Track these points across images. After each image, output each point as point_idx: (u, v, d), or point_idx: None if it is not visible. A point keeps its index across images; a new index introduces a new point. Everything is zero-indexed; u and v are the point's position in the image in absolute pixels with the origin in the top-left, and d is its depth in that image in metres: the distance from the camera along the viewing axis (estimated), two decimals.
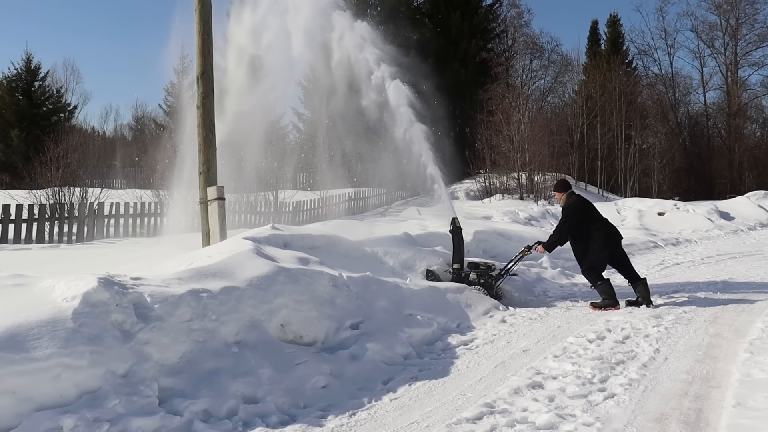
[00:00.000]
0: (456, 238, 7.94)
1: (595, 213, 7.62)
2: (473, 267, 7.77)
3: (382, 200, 25.89)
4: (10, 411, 3.40)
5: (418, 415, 4.08)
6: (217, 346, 4.50)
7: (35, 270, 5.73)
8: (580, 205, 7.60)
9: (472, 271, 7.72)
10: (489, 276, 7.70)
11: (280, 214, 18.67)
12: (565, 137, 31.85)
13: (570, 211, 7.55)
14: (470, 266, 7.81)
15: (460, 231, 7.97)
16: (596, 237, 7.41)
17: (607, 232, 7.49)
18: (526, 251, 7.80)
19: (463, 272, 7.77)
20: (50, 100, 37.86)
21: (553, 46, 46.52)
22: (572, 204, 7.61)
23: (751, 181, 36.09)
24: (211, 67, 8.43)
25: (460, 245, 7.92)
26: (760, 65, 41.75)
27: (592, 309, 7.25)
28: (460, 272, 7.76)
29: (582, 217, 7.49)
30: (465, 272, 7.77)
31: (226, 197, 8.22)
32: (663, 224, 16.90)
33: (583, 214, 7.51)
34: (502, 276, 7.80)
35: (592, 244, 7.42)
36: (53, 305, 4.03)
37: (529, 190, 25.99)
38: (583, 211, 7.54)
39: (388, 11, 33.74)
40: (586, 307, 7.41)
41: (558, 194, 7.96)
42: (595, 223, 7.49)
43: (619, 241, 7.62)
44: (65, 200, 15.82)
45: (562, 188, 7.91)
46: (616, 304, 7.25)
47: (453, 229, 7.97)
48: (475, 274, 7.68)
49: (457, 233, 7.94)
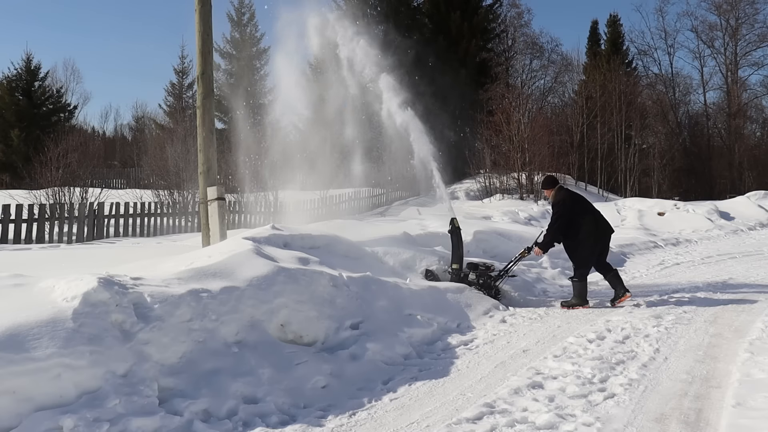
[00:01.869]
0: (455, 238, 7.95)
1: (586, 206, 7.62)
2: (472, 267, 7.78)
3: (382, 200, 25.88)
4: (10, 411, 3.39)
5: (418, 415, 4.08)
6: (217, 346, 4.50)
7: (35, 270, 5.73)
8: (570, 200, 7.59)
9: (471, 272, 7.74)
10: (488, 276, 7.71)
11: (280, 214, 18.68)
12: (565, 137, 31.82)
13: (560, 207, 7.52)
14: (469, 266, 7.83)
15: (458, 231, 7.99)
16: (587, 232, 7.42)
17: (598, 226, 7.50)
18: (525, 253, 7.82)
19: (462, 272, 7.78)
20: (50, 100, 37.90)
21: (553, 46, 46.53)
22: (562, 199, 7.59)
23: (751, 181, 36.07)
24: (211, 67, 8.43)
25: (458, 245, 7.94)
26: (760, 65, 41.75)
27: (561, 307, 7.36)
28: (459, 272, 7.78)
29: (573, 211, 7.48)
30: (464, 272, 7.78)
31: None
32: (663, 224, 16.90)
33: (573, 208, 7.50)
34: (500, 276, 7.82)
35: (582, 241, 7.42)
36: (53, 305, 4.03)
37: (529, 190, 25.98)
38: (573, 206, 7.53)
39: (388, 11, 33.77)
40: (586, 306, 7.41)
41: (547, 191, 7.94)
42: (585, 216, 7.49)
43: (609, 235, 7.62)
44: (65, 200, 15.84)
45: (550, 184, 7.86)
46: (586, 303, 7.36)
47: (452, 229, 7.99)
48: (474, 274, 7.70)
49: (456, 233, 7.96)
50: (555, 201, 7.64)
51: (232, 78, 35.27)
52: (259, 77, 35.29)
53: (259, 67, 35.52)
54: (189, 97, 34.48)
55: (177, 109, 30.36)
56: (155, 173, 19.56)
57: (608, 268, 7.59)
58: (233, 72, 35.30)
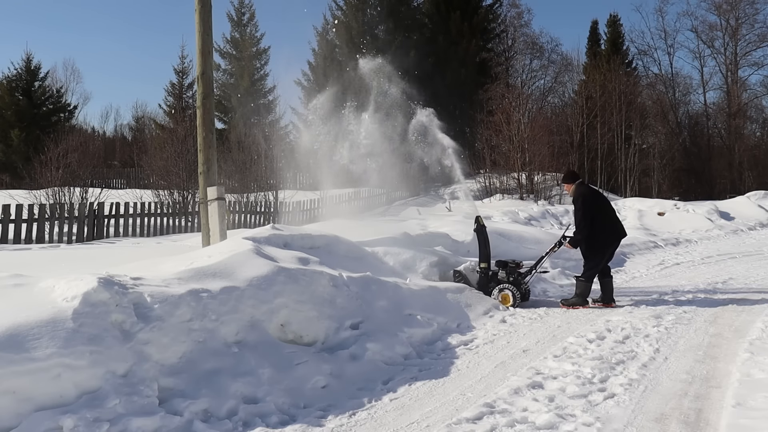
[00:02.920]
0: (481, 236, 7.84)
1: (606, 205, 7.58)
2: (501, 265, 7.68)
3: (382, 200, 25.87)
4: (10, 411, 3.39)
5: (418, 415, 4.08)
6: (217, 346, 4.50)
7: (35, 270, 5.73)
8: (590, 196, 7.54)
9: (500, 269, 7.66)
10: (518, 273, 7.65)
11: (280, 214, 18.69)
12: (565, 137, 31.80)
13: (581, 202, 7.45)
14: (498, 264, 7.72)
15: (484, 229, 7.87)
16: (605, 234, 7.39)
17: (615, 229, 7.48)
18: (556, 248, 7.76)
19: (491, 270, 7.71)
20: (50, 100, 37.87)
21: (553, 46, 46.53)
22: (582, 194, 7.51)
23: (751, 181, 36.06)
24: (211, 67, 8.43)
25: (485, 244, 7.81)
26: (760, 65, 41.68)
27: (561, 305, 7.38)
28: (488, 271, 7.69)
29: (594, 207, 7.41)
30: (493, 271, 7.71)
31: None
32: (663, 224, 16.90)
33: (594, 204, 7.44)
34: (530, 273, 7.76)
35: (599, 241, 7.39)
36: (53, 305, 4.03)
37: (529, 190, 25.98)
38: (594, 202, 7.48)
39: (388, 11, 33.77)
40: (586, 306, 7.42)
41: (567, 185, 7.84)
42: (606, 216, 7.44)
43: (621, 239, 7.62)
44: (65, 200, 15.83)
45: (571, 179, 7.81)
46: (586, 304, 7.39)
47: (477, 227, 7.90)
48: (503, 272, 7.61)
49: (481, 231, 7.85)
50: (575, 196, 7.57)
51: (233, 78, 35.30)
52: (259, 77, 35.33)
53: (259, 67, 35.54)
54: (189, 97, 34.47)
55: (177, 109, 30.37)
56: (155, 173, 19.56)
57: (606, 272, 7.59)
58: (233, 72, 35.33)
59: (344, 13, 34.86)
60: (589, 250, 7.48)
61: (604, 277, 7.55)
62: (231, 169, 20.36)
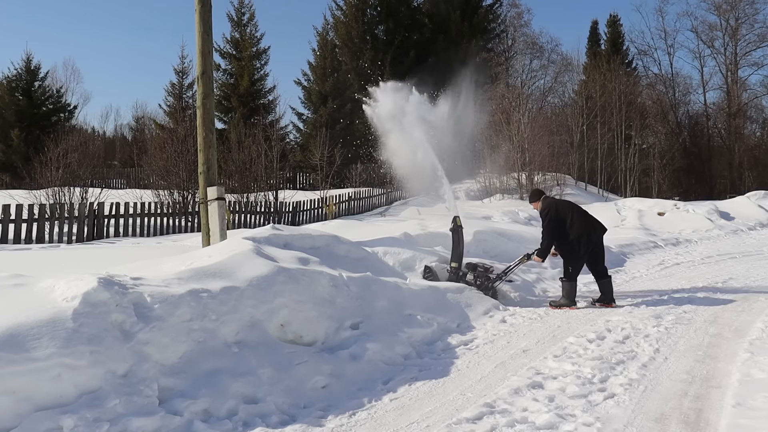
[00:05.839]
0: (455, 236, 7.96)
1: (571, 207, 7.78)
2: (471, 268, 7.80)
3: (382, 200, 25.88)
4: (10, 411, 3.39)
5: (418, 415, 4.07)
6: (217, 346, 4.50)
7: (35, 270, 5.74)
8: (554, 206, 7.80)
9: (469, 272, 7.75)
10: (486, 278, 7.72)
11: (280, 214, 18.69)
12: (565, 137, 31.83)
13: (546, 214, 7.70)
14: (468, 266, 7.84)
15: (460, 230, 7.99)
16: (576, 233, 7.51)
17: (587, 225, 7.56)
18: (525, 259, 7.88)
19: (460, 271, 7.78)
20: (50, 100, 37.89)
21: (553, 46, 46.72)
22: (546, 206, 7.80)
23: (751, 181, 36.10)
24: (211, 67, 8.44)
25: (459, 244, 7.94)
26: (760, 65, 41.77)
27: (550, 307, 7.41)
28: (458, 271, 7.78)
29: (558, 215, 7.61)
30: (462, 272, 7.78)
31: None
32: (663, 224, 16.90)
33: (558, 213, 7.65)
34: (499, 279, 7.83)
35: (571, 242, 7.53)
36: (53, 305, 4.03)
37: (529, 190, 25.96)
38: (558, 210, 7.69)
39: (388, 11, 33.79)
40: (586, 307, 7.42)
41: (534, 204, 8.13)
42: (573, 217, 7.59)
43: (600, 234, 7.66)
44: (65, 200, 15.83)
45: (535, 197, 8.14)
46: (573, 304, 7.43)
47: (453, 227, 7.98)
48: (472, 274, 7.72)
49: (457, 232, 7.96)
50: (541, 210, 7.85)
51: (233, 78, 35.28)
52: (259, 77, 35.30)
53: (259, 67, 35.52)
54: (189, 97, 34.44)
55: (177, 109, 30.31)
56: (155, 173, 19.55)
57: (603, 274, 7.62)
58: (233, 72, 35.31)
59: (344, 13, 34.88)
60: (564, 254, 7.65)
61: (602, 279, 7.58)
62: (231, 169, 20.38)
